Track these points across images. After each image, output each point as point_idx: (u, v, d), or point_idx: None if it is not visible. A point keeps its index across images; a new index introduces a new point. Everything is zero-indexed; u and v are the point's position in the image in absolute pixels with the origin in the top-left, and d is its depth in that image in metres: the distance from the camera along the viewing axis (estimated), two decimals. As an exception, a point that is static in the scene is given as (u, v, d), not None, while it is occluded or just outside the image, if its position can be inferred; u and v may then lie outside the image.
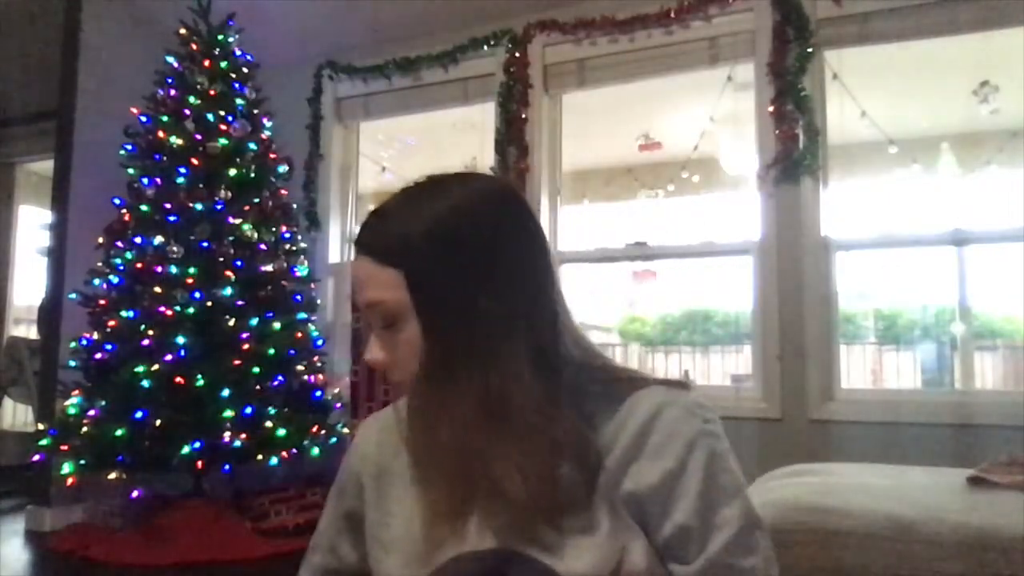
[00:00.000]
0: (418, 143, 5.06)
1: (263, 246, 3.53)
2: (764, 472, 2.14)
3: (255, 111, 3.72)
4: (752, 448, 3.10)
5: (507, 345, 0.72)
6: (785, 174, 3.26)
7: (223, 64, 3.64)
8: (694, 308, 6.85)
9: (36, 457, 3.26)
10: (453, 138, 4.59)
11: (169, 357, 3.15)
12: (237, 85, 3.67)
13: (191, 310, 3.23)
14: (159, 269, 3.29)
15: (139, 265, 3.32)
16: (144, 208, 3.40)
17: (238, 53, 3.73)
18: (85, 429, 3.15)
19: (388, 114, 4.43)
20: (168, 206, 3.38)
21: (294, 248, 3.72)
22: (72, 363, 3.32)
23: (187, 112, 3.49)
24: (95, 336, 3.31)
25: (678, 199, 4.25)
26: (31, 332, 4.92)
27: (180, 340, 3.18)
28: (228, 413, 3.13)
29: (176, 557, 2.98)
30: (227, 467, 3.19)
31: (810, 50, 3.26)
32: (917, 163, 3.80)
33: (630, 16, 3.60)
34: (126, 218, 3.43)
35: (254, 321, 3.35)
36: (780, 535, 0.95)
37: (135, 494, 3.19)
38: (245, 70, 3.73)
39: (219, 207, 3.42)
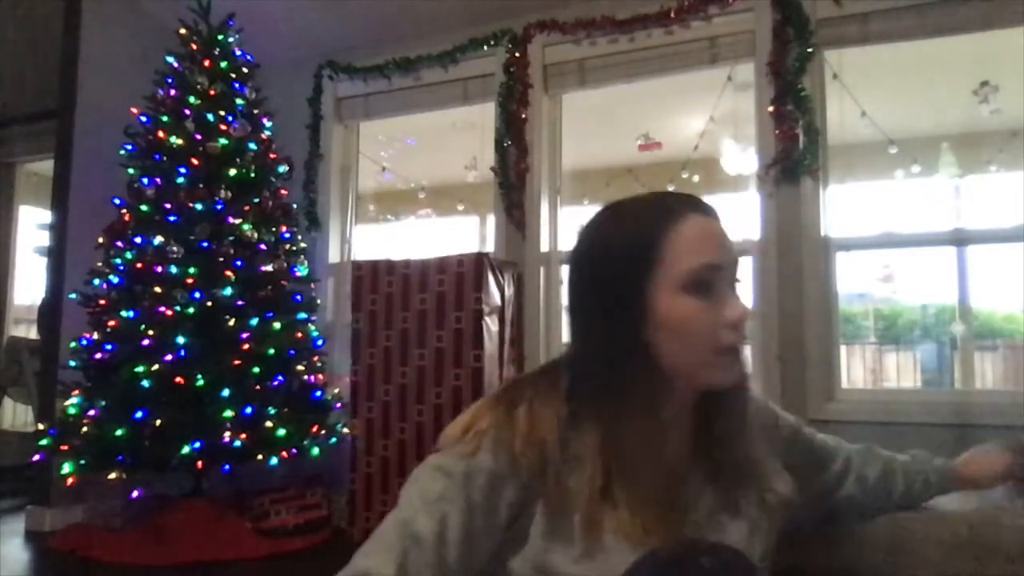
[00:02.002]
0: (418, 143, 5.05)
1: (263, 246, 3.54)
2: (764, 472, 2.13)
3: (255, 111, 3.71)
4: (752, 448, 3.09)
5: None
6: (785, 174, 3.26)
7: (223, 64, 3.64)
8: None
9: (36, 457, 3.26)
10: (453, 138, 4.58)
11: (169, 357, 3.15)
12: (237, 85, 3.67)
13: (191, 310, 3.23)
14: (159, 269, 3.29)
15: (139, 265, 3.32)
16: (144, 208, 3.39)
17: (238, 53, 3.73)
18: (85, 429, 3.15)
19: (388, 114, 4.42)
20: (168, 206, 3.38)
21: (294, 248, 3.72)
22: (72, 363, 3.32)
23: (187, 112, 3.49)
24: (95, 336, 3.31)
25: (678, 199, 4.24)
26: (31, 332, 4.92)
27: (180, 340, 3.18)
28: (228, 413, 3.13)
29: (176, 557, 2.99)
30: (227, 467, 3.18)
31: (810, 50, 3.26)
32: (917, 163, 3.79)
33: (630, 16, 3.60)
34: (126, 218, 3.43)
35: (254, 321, 3.35)
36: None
37: (135, 494, 3.18)
38: (245, 70, 3.73)
39: (219, 207, 3.42)
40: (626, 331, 0.79)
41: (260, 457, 3.23)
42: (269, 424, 3.25)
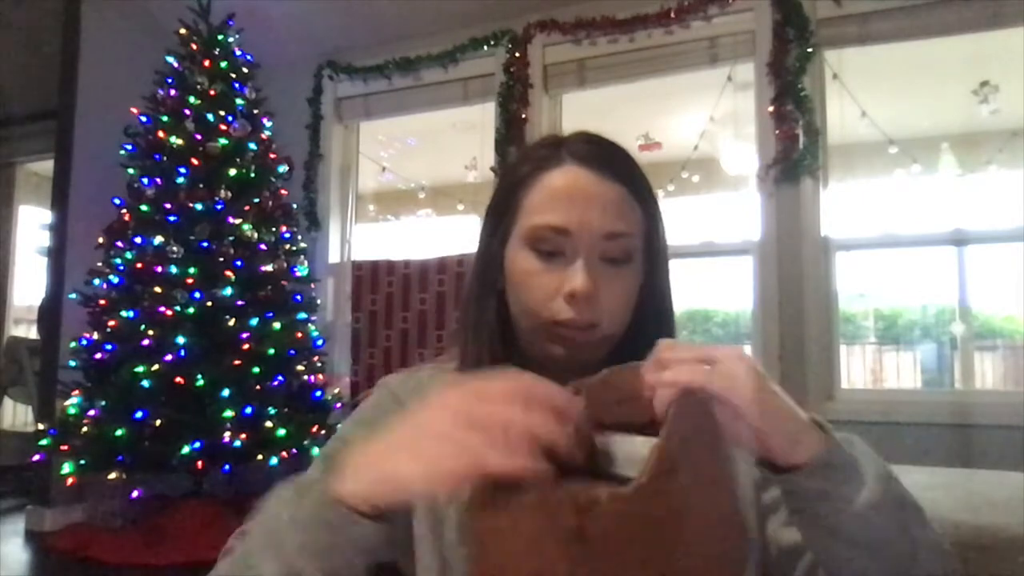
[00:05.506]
0: (418, 143, 5.05)
1: (263, 246, 3.53)
2: (764, 472, 2.12)
3: (255, 111, 3.72)
4: (752, 448, 3.09)
5: None
6: (785, 174, 3.26)
7: (223, 64, 3.64)
8: (694, 308, 6.85)
9: (36, 457, 3.26)
10: (453, 138, 4.59)
11: (169, 357, 3.15)
12: (237, 85, 3.67)
13: (191, 310, 3.23)
14: (159, 269, 3.29)
15: (139, 265, 3.32)
16: (144, 208, 3.40)
17: (238, 53, 3.73)
18: (85, 429, 3.15)
19: (388, 114, 4.42)
20: (168, 206, 3.38)
21: (294, 248, 3.72)
22: (72, 363, 3.32)
23: (187, 112, 3.49)
24: (95, 336, 3.31)
25: (678, 199, 4.25)
26: (31, 332, 4.92)
27: (180, 340, 3.18)
28: (228, 413, 3.14)
29: (176, 557, 2.98)
30: (227, 467, 3.18)
31: (810, 50, 3.26)
32: (917, 163, 3.79)
33: (630, 16, 3.60)
34: (126, 218, 3.43)
35: (254, 321, 3.35)
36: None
37: (135, 494, 3.19)
38: (245, 70, 3.73)
39: (219, 207, 3.42)
40: (482, 274, 0.80)
41: (260, 457, 3.23)
42: (269, 424, 3.25)
